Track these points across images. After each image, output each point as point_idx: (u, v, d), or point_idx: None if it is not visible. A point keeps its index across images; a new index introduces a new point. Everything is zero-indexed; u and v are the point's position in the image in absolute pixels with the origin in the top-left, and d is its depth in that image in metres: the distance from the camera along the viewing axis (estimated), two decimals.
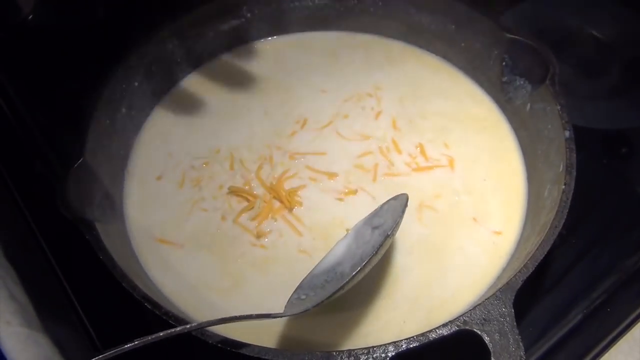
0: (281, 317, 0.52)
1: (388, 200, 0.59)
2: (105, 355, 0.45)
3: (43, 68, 0.81)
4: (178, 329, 0.48)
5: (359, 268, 0.51)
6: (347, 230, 0.61)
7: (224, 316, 0.51)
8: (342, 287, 0.51)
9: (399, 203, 0.57)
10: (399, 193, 0.65)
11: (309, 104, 0.74)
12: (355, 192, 0.66)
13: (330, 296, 0.51)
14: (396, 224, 0.55)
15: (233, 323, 0.57)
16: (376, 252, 0.53)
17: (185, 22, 0.74)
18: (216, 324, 0.49)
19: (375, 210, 0.59)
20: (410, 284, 0.60)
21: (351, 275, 0.51)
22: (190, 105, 0.75)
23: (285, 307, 0.53)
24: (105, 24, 0.86)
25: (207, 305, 0.59)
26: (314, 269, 0.56)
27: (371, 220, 0.58)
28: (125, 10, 0.85)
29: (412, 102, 0.74)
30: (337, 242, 0.58)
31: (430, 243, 0.63)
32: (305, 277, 0.55)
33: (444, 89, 0.75)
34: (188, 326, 0.48)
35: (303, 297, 0.53)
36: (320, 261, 0.56)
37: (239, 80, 0.77)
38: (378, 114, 0.73)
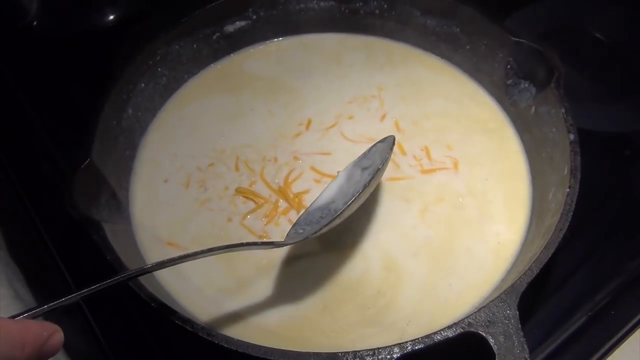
0: (284, 245, 0.55)
1: (375, 143, 0.63)
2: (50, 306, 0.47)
3: (50, 70, 0.81)
4: (176, 258, 0.50)
5: (353, 198, 0.55)
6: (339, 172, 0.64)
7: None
8: (338, 216, 0.55)
9: (386, 144, 0.61)
10: (405, 194, 0.66)
11: (313, 105, 0.75)
12: None
13: (328, 224, 0.55)
14: (385, 160, 0.59)
15: (237, 325, 0.57)
16: (369, 184, 0.56)
17: (191, 24, 0.75)
18: (221, 252, 0.52)
19: (364, 153, 0.63)
20: (415, 285, 0.60)
21: (347, 204, 0.55)
22: (195, 106, 0.75)
23: (286, 238, 0.56)
24: (111, 26, 0.86)
25: (213, 306, 0.59)
26: (309, 207, 0.59)
27: (360, 162, 0.62)
28: (131, 12, 0.86)
29: (416, 104, 0.74)
30: (329, 184, 0.61)
31: (435, 245, 0.63)
32: (301, 214, 0.59)
33: (449, 92, 0.76)
34: (189, 253, 0.51)
35: (300, 231, 0.56)
36: (314, 200, 0.60)
37: (244, 81, 0.77)
38: (383, 116, 0.73)
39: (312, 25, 0.81)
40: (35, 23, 0.87)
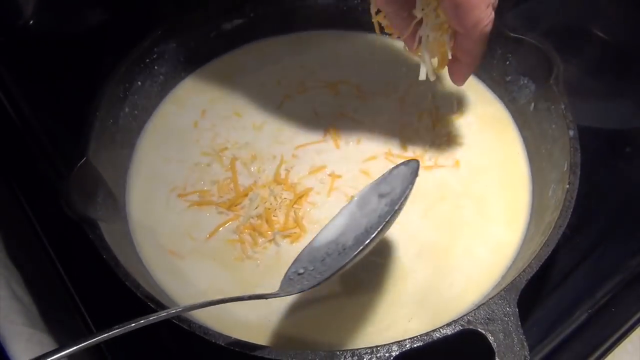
0: (276, 297, 0.49)
1: (398, 165, 0.55)
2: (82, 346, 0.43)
3: (46, 69, 0.81)
4: (163, 313, 0.46)
5: (361, 247, 0.48)
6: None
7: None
8: (343, 267, 0.48)
9: (409, 170, 0.53)
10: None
11: (312, 104, 0.74)
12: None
13: (330, 277, 0.48)
14: (405, 196, 0.50)
15: (237, 323, 0.57)
16: (382, 228, 0.49)
17: (189, 22, 0.74)
18: (203, 307, 0.48)
19: (383, 175, 0.56)
20: (416, 284, 0.60)
21: (352, 256, 0.48)
22: (193, 105, 0.74)
23: (282, 283, 0.50)
24: (108, 24, 0.86)
25: (214, 308, 0.58)
26: (313, 240, 0.53)
27: (378, 187, 0.55)
28: (127, 10, 0.85)
29: (416, 102, 0.74)
30: (340, 210, 0.55)
31: (436, 243, 0.62)
32: (304, 249, 0.53)
33: (447, 88, 0.75)
34: (174, 310, 0.46)
35: (301, 271, 0.50)
36: (321, 231, 0.54)
37: (242, 80, 0.77)
38: (384, 114, 0.73)
39: (310, 23, 0.81)
40: (31, 22, 0.87)
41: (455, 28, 0.59)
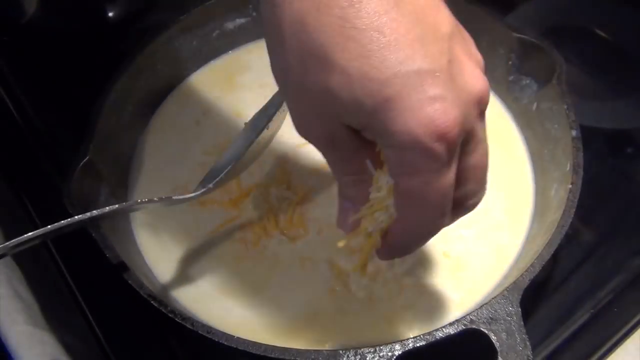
0: (185, 201, 0.56)
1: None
2: None
3: (49, 68, 0.81)
4: (77, 217, 0.51)
5: (250, 142, 0.56)
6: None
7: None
8: (235, 165, 0.56)
9: None
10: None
11: None
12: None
13: (227, 172, 0.56)
14: (280, 109, 0.58)
15: (240, 322, 0.57)
16: (267, 127, 0.57)
17: (191, 21, 0.74)
18: (119, 211, 0.54)
19: (269, 101, 0.61)
20: (421, 283, 0.60)
21: (247, 147, 0.56)
22: (195, 104, 0.75)
23: (192, 191, 0.57)
24: (111, 23, 0.86)
25: (222, 310, 0.59)
26: (215, 163, 0.58)
27: (266, 111, 0.60)
28: (130, 9, 0.85)
29: None
30: (236, 136, 0.60)
31: (439, 242, 0.62)
32: (209, 171, 0.58)
33: None
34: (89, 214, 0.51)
35: (209, 185, 0.57)
36: (222, 155, 0.59)
37: (245, 78, 0.77)
38: None
39: None
40: (34, 20, 0.87)
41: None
